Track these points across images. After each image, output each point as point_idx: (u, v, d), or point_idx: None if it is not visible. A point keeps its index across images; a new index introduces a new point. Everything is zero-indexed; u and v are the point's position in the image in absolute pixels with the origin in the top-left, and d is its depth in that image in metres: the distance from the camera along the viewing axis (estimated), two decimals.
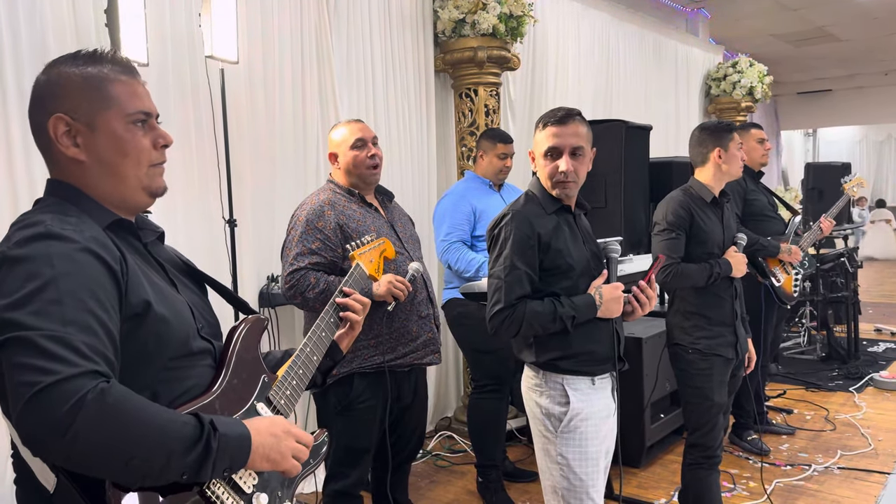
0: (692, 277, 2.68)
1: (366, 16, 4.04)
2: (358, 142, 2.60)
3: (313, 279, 2.43)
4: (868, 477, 3.60)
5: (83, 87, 1.17)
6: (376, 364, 2.52)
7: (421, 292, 2.62)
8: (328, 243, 2.47)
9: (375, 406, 2.54)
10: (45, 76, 1.19)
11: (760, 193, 4.01)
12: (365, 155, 2.59)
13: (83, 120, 1.17)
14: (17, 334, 0.98)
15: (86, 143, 1.17)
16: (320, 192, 2.65)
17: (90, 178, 1.19)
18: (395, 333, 2.55)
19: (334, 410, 2.54)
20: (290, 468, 1.20)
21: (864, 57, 10.61)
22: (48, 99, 1.17)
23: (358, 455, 2.56)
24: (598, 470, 2.11)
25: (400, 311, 2.53)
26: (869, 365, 5.60)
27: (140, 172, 1.21)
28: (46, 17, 2.70)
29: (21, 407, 0.95)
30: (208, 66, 3.10)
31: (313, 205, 2.55)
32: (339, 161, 2.63)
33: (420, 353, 2.61)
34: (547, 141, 2.07)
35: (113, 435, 0.97)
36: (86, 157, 1.17)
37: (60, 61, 1.20)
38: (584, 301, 2.04)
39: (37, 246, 1.05)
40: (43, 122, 1.17)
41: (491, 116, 4.40)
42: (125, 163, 1.20)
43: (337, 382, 2.52)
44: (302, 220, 2.53)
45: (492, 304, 2.06)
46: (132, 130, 1.20)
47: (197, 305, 1.31)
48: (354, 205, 2.59)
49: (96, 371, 0.99)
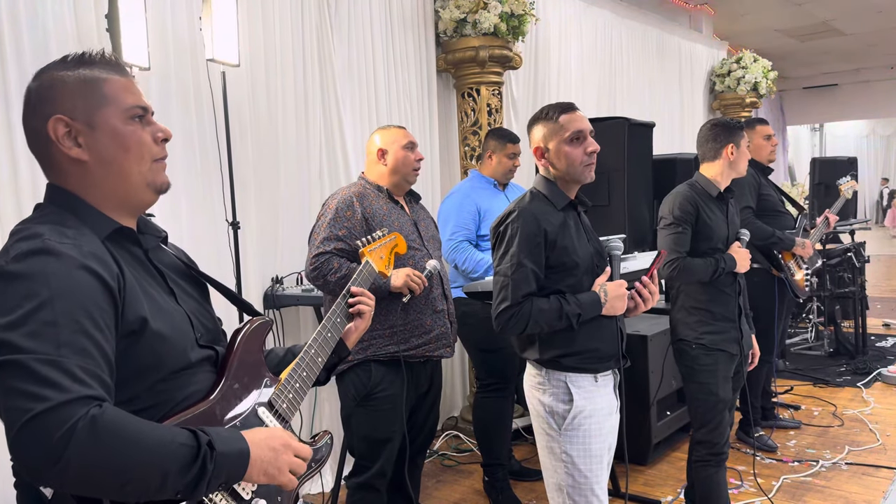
0: (697, 272, 2.68)
1: (367, 16, 4.04)
2: (410, 143, 2.74)
3: (336, 264, 2.53)
4: (876, 472, 3.59)
5: (78, 88, 1.18)
6: (390, 353, 2.58)
7: (437, 288, 2.68)
8: (353, 232, 2.56)
9: (395, 395, 2.59)
10: (37, 82, 1.19)
11: (771, 189, 4.01)
12: (414, 157, 2.73)
13: (82, 119, 1.17)
14: (12, 357, 0.98)
15: (87, 142, 1.17)
16: (352, 185, 2.76)
17: (93, 178, 1.18)
18: (410, 325, 2.61)
19: (353, 402, 2.60)
20: (287, 483, 1.20)
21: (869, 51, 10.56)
22: (44, 103, 1.17)
23: (378, 446, 2.59)
24: (602, 467, 2.11)
25: (415, 305, 2.60)
26: (877, 360, 5.57)
27: (143, 168, 1.21)
28: (48, 24, 2.72)
29: (14, 434, 0.96)
30: (210, 70, 3.11)
31: (344, 195, 2.66)
32: (388, 157, 2.71)
33: (432, 346, 2.66)
34: (572, 126, 2.08)
35: (105, 461, 0.98)
36: (88, 156, 1.17)
37: (50, 67, 1.20)
38: (590, 299, 2.04)
39: (34, 262, 1.05)
40: (41, 126, 1.17)
41: (494, 116, 4.40)
42: (128, 158, 1.20)
43: (354, 369, 2.58)
44: (332, 207, 2.63)
45: (498, 302, 2.05)
46: (131, 125, 1.20)
47: (196, 313, 1.30)
48: (382, 200, 2.69)
49: (89, 396, 0.99)
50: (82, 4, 2.82)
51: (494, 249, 2.14)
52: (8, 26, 2.63)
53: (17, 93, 2.60)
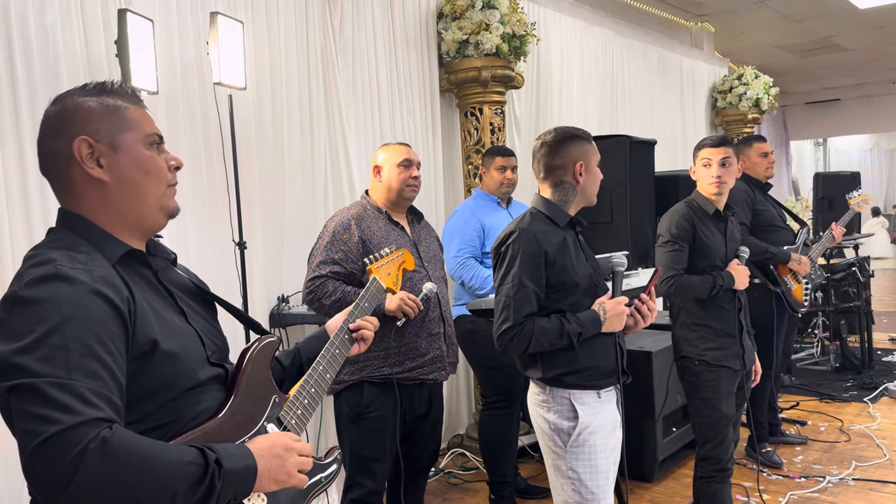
0: (695, 289, 2.70)
1: (371, 39, 4.11)
2: (405, 161, 2.72)
3: (331, 287, 2.56)
4: (884, 488, 3.57)
5: (102, 112, 1.23)
6: (384, 375, 2.58)
7: (434, 311, 2.68)
8: (350, 255, 2.59)
9: (386, 416, 2.60)
10: (59, 106, 1.24)
11: (769, 204, 4.02)
12: (408, 175, 2.71)
13: (105, 142, 1.21)
14: (25, 381, 1.02)
15: (109, 163, 1.22)
16: (353, 206, 2.76)
17: (110, 200, 1.22)
18: (404, 348, 2.61)
19: (347, 418, 2.62)
20: (299, 483, 1.24)
21: (870, 66, 10.61)
22: (67, 125, 1.21)
23: (369, 463, 2.60)
24: (608, 482, 2.12)
25: (410, 328, 2.60)
26: (883, 375, 5.55)
27: (160, 192, 1.27)
28: (59, 50, 2.78)
29: (27, 456, 0.99)
30: (217, 93, 3.17)
31: (342, 217, 2.68)
32: (382, 175, 2.73)
33: (427, 370, 2.66)
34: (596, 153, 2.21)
35: (116, 483, 1.01)
36: (109, 177, 1.22)
37: (71, 92, 1.25)
38: (589, 317, 2.07)
39: (46, 288, 1.08)
40: (64, 147, 1.20)
41: (496, 134, 4.45)
42: (147, 182, 1.25)
43: (348, 389, 2.60)
44: (330, 230, 2.66)
45: (500, 322, 2.08)
46: (150, 151, 1.26)
47: (206, 332, 1.33)
48: (381, 222, 2.69)
49: (99, 418, 1.02)
50: (92, 31, 2.88)
51: (496, 269, 2.16)
52: (20, 52, 2.68)
53: (28, 117, 2.65)
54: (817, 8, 7.45)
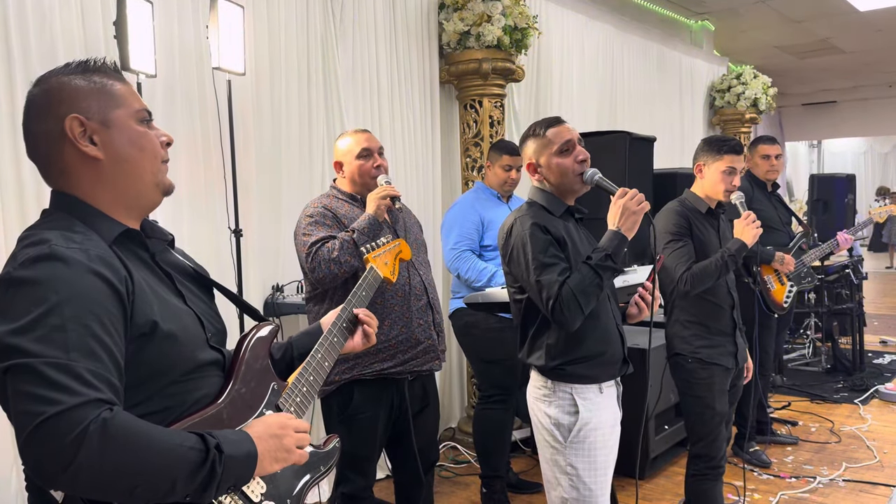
0: (708, 272, 2.65)
1: (371, 28, 4.07)
2: (364, 151, 2.57)
3: (328, 245, 2.40)
4: (874, 490, 3.59)
5: (90, 90, 1.20)
6: (376, 371, 2.49)
7: (421, 299, 2.57)
8: (332, 223, 2.49)
9: (376, 416, 2.53)
10: (43, 87, 1.20)
11: (768, 204, 4.01)
12: (371, 165, 2.57)
13: (97, 119, 1.19)
14: (21, 361, 0.99)
15: (102, 140, 1.19)
16: (322, 197, 2.63)
17: (105, 178, 1.20)
18: (395, 341, 2.50)
19: (337, 418, 2.55)
20: (298, 459, 1.25)
21: (868, 69, 10.63)
22: (55, 105, 1.18)
23: (360, 462, 2.57)
24: (606, 479, 2.11)
25: (399, 319, 2.50)
26: (874, 377, 5.58)
27: (155, 168, 1.25)
28: (56, 31, 2.74)
29: (24, 438, 0.96)
30: (215, 78, 3.13)
31: (315, 207, 2.55)
32: (345, 170, 2.61)
33: (421, 360, 2.56)
34: (559, 138, 2.11)
35: (116, 465, 0.98)
36: (103, 155, 1.19)
37: (55, 72, 1.22)
38: (605, 237, 2.02)
39: (42, 268, 1.06)
40: (54, 126, 1.17)
41: (495, 127, 4.43)
42: (143, 157, 1.23)
43: (338, 391, 2.50)
44: (304, 218, 2.53)
45: (546, 307, 2.01)
46: (142, 127, 1.24)
47: (205, 314, 1.31)
48: (356, 209, 2.57)
49: (99, 399, 1.00)
50: (90, 11, 2.84)
51: (510, 265, 2.12)
52: (16, 33, 2.64)
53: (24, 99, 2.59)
54: (818, 9, 7.45)
